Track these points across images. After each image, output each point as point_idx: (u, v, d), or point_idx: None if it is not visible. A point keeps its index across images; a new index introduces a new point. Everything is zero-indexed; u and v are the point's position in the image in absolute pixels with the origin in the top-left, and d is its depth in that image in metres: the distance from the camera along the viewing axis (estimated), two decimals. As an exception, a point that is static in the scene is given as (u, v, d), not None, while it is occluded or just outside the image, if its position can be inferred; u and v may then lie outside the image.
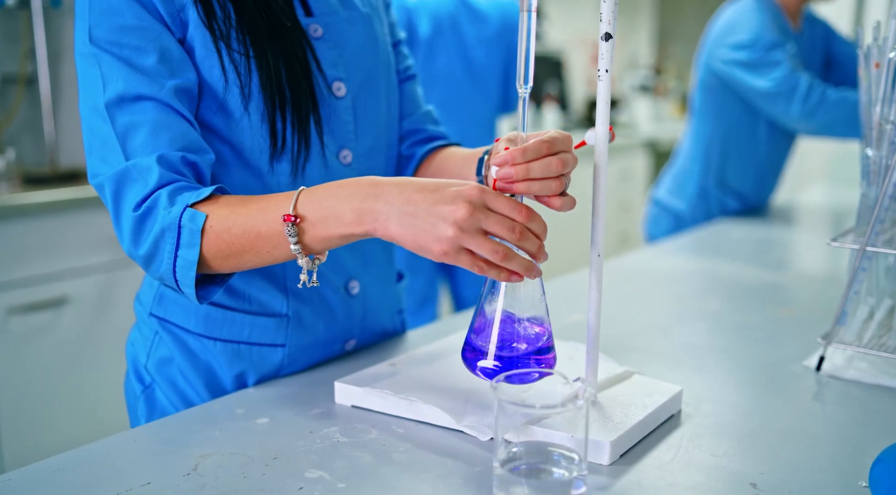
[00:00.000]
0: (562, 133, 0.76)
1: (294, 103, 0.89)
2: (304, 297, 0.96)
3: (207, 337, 0.94)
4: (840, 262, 1.70)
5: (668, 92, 6.35)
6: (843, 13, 4.27)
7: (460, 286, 2.66)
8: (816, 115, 1.97)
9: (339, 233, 0.74)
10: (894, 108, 0.96)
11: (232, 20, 0.86)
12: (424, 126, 1.08)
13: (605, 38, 0.77)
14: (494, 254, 0.70)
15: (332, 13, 0.95)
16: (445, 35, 2.46)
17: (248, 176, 0.90)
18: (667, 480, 0.73)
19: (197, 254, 0.78)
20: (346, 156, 0.96)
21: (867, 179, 1.03)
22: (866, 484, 0.72)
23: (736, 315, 1.27)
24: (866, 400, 0.93)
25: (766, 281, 1.53)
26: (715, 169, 2.23)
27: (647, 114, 5.78)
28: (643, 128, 5.40)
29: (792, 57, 2.01)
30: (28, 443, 2.02)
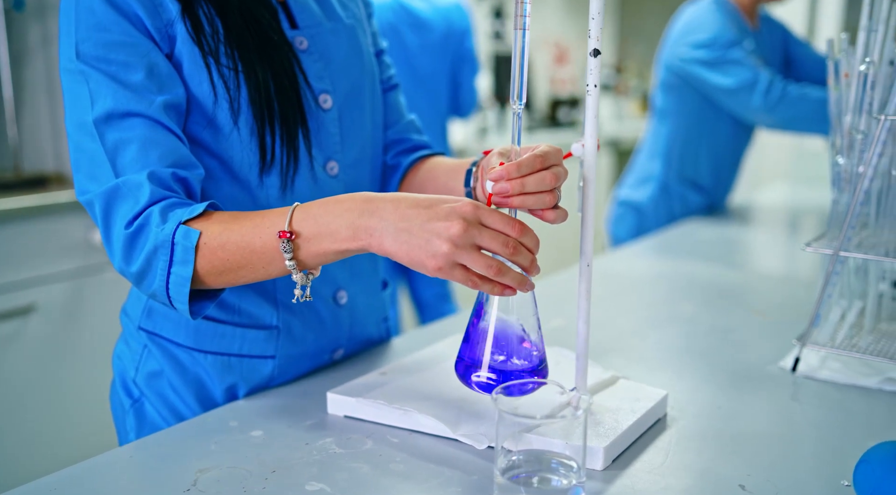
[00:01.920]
0: (553, 147, 0.78)
1: (283, 117, 0.89)
2: (293, 309, 0.96)
3: (198, 350, 0.94)
4: (805, 263, 1.75)
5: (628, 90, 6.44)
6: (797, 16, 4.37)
7: (419, 287, 2.68)
8: (778, 109, 2.03)
9: (334, 248, 0.75)
10: (864, 118, 0.99)
11: (220, 35, 0.86)
12: (409, 135, 1.09)
13: (594, 54, 0.79)
14: (489, 269, 0.72)
15: (317, 25, 0.96)
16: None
17: (238, 190, 0.90)
18: (659, 484, 0.75)
19: (191, 271, 0.78)
20: (332, 168, 0.96)
21: (838, 186, 1.06)
22: (848, 483, 0.75)
23: (710, 317, 1.31)
24: (841, 400, 0.97)
25: (736, 282, 1.57)
26: (676, 165, 2.28)
27: (609, 112, 5.86)
28: (605, 127, 5.47)
29: (751, 53, 2.06)
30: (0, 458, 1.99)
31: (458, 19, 2.64)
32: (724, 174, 2.33)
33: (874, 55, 0.98)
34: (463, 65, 2.65)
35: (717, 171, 2.31)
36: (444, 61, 2.59)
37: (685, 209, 2.30)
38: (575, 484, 0.70)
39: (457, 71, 2.64)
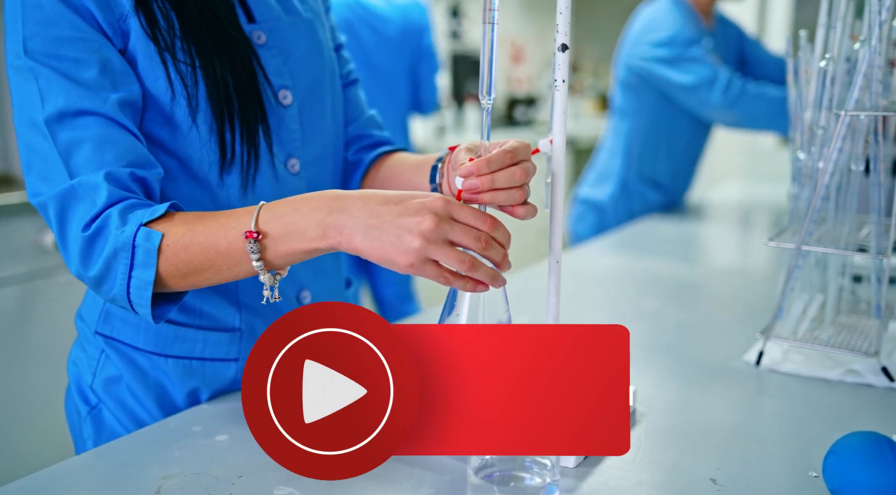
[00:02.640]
0: (522, 142, 0.77)
1: (242, 113, 0.87)
2: (257, 310, 0.94)
3: (158, 354, 0.91)
4: (762, 258, 1.78)
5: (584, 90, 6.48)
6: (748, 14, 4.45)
7: (380, 287, 2.66)
8: (736, 106, 2.06)
9: (302, 247, 0.73)
10: (824, 114, 1.01)
11: (176, 30, 0.84)
12: (370, 131, 1.08)
13: (562, 49, 0.78)
14: (461, 265, 0.71)
15: (275, 19, 0.94)
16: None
17: (197, 189, 0.88)
18: (631, 480, 0.75)
19: (153, 274, 0.76)
20: (293, 165, 0.94)
21: (799, 182, 1.07)
22: (816, 474, 0.76)
23: (674, 313, 1.32)
24: (804, 392, 0.98)
25: (697, 278, 1.58)
26: (636, 163, 2.30)
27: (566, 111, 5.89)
28: (561, 125, 5.49)
29: (710, 52, 2.09)
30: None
31: (417, 16, 2.62)
32: (682, 172, 2.36)
33: (833, 52, 0.99)
34: (422, 61, 2.64)
35: (675, 170, 2.33)
36: (402, 58, 2.57)
37: (645, 207, 2.33)
38: (549, 481, 0.69)
39: (416, 68, 2.63)
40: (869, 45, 0.92)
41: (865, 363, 1.01)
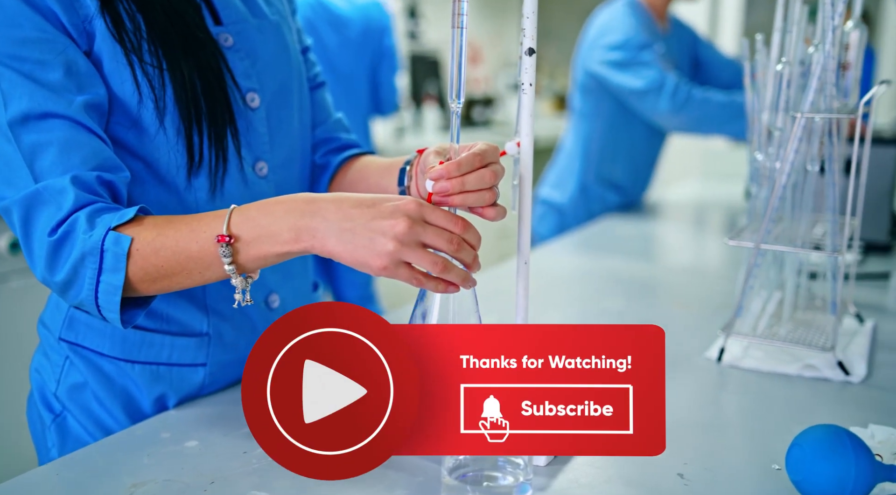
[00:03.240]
0: (490, 145, 0.78)
1: (210, 116, 0.87)
2: (224, 315, 0.94)
3: (124, 360, 0.90)
4: (717, 256, 1.82)
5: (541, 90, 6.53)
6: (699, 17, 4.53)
7: (342, 289, 2.66)
8: (683, 112, 2.09)
9: (275, 251, 0.73)
10: (781, 116, 1.03)
11: (142, 31, 0.83)
12: (337, 134, 1.08)
13: (529, 52, 0.79)
14: (434, 267, 0.71)
15: (242, 21, 0.94)
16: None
17: (164, 193, 0.87)
18: (602, 477, 0.77)
19: (122, 278, 0.75)
20: (261, 168, 0.94)
21: (757, 182, 1.10)
22: (779, 467, 0.78)
23: (638, 311, 1.34)
24: (764, 387, 1.00)
25: (657, 277, 1.61)
26: (595, 165, 2.33)
27: (522, 112, 5.92)
28: (519, 126, 5.53)
29: (661, 57, 2.13)
30: None
31: (377, 16, 2.62)
32: (640, 174, 2.39)
33: (790, 55, 1.02)
34: (382, 62, 2.63)
35: (634, 171, 2.37)
36: (363, 59, 2.56)
37: (604, 208, 2.36)
38: (522, 480, 0.70)
39: (376, 69, 2.63)
40: (823, 50, 0.95)
41: (822, 358, 1.04)
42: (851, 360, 1.05)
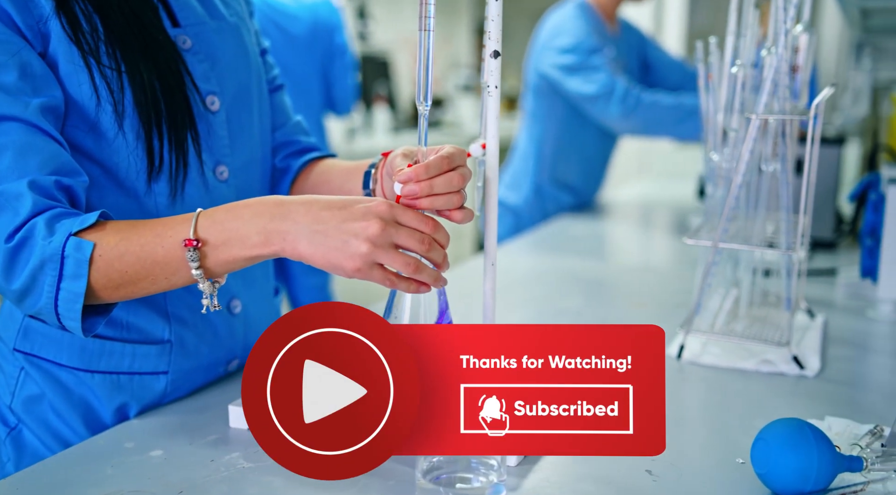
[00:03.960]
0: (458, 148, 0.78)
1: (170, 120, 0.85)
2: (186, 321, 0.92)
3: (83, 370, 0.88)
4: (670, 255, 1.85)
5: (489, 91, 6.55)
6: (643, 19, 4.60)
7: (297, 292, 2.63)
8: (633, 116, 2.13)
9: (244, 255, 0.72)
10: (736, 117, 1.06)
11: (100, 33, 0.81)
12: (297, 137, 1.07)
13: (494, 55, 0.80)
14: (407, 267, 0.71)
15: (200, 23, 0.92)
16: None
17: (123, 198, 0.85)
18: (572, 474, 0.77)
19: (84, 285, 0.73)
20: (222, 172, 0.93)
21: (713, 182, 1.13)
22: (743, 461, 0.80)
23: (596, 311, 1.35)
24: (724, 383, 1.03)
25: (612, 275, 1.63)
26: (549, 167, 2.35)
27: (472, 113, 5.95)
28: (468, 127, 5.55)
29: (611, 61, 2.16)
30: None
31: (327, 14, 2.58)
32: (593, 175, 2.42)
33: (743, 57, 1.04)
34: (334, 61, 2.60)
35: (587, 172, 2.40)
36: (313, 58, 2.53)
37: (558, 208, 2.38)
38: (496, 481, 0.70)
39: (328, 68, 2.59)
40: (776, 52, 0.97)
41: (778, 353, 1.06)
42: (805, 355, 1.08)
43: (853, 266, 1.53)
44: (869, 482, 0.72)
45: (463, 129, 5.39)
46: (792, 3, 0.97)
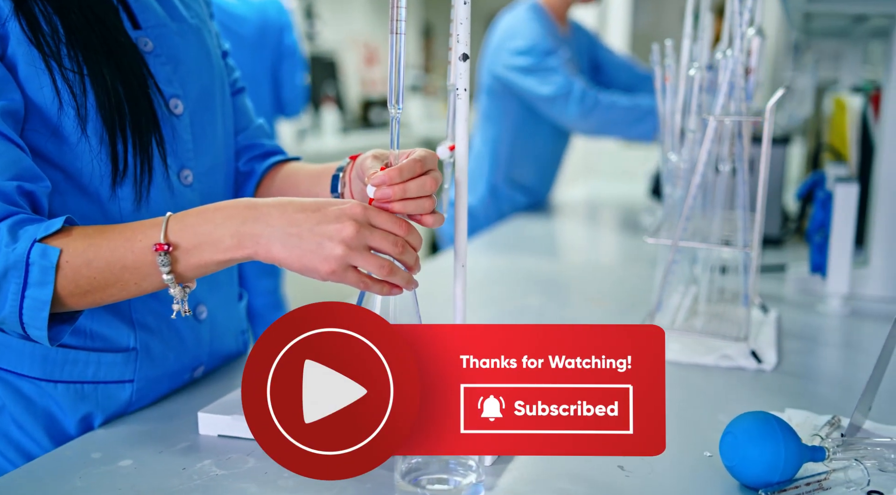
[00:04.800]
0: (429, 151, 0.78)
1: (134, 123, 0.84)
2: (151, 328, 0.90)
3: (46, 380, 0.86)
4: (625, 252, 1.88)
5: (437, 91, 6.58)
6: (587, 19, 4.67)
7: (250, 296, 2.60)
8: (591, 116, 2.16)
9: (216, 258, 0.72)
10: (692, 118, 1.08)
11: (61, 35, 0.79)
12: (260, 140, 1.06)
13: (463, 58, 0.80)
14: (381, 270, 0.71)
15: (162, 25, 0.91)
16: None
17: (86, 204, 0.84)
18: (548, 472, 0.78)
19: (50, 293, 0.71)
20: (186, 177, 0.91)
21: (671, 182, 1.15)
22: (710, 454, 0.82)
23: (557, 309, 1.37)
24: (686, 378, 1.05)
25: (569, 274, 1.66)
26: (504, 167, 2.37)
27: (419, 113, 5.95)
28: (417, 127, 5.56)
29: (567, 62, 2.18)
30: None
31: (275, 14, 2.55)
32: (547, 175, 2.45)
33: (701, 60, 1.07)
34: (283, 61, 2.56)
35: (541, 173, 2.42)
36: (261, 58, 2.49)
37: (513, 208, 2.40)
38: (475, 481, 0.71)
39: (277, 68, 2.56)
40: (732, 55, 1.00)
41: (736, 348, 1.09)
42: (762, 349, 1.11)
43: (801, 262, 1.57)
44: (832, 471, 0.75)
45: (412, 130, 5.39)
46: (746, 7, 0.99)
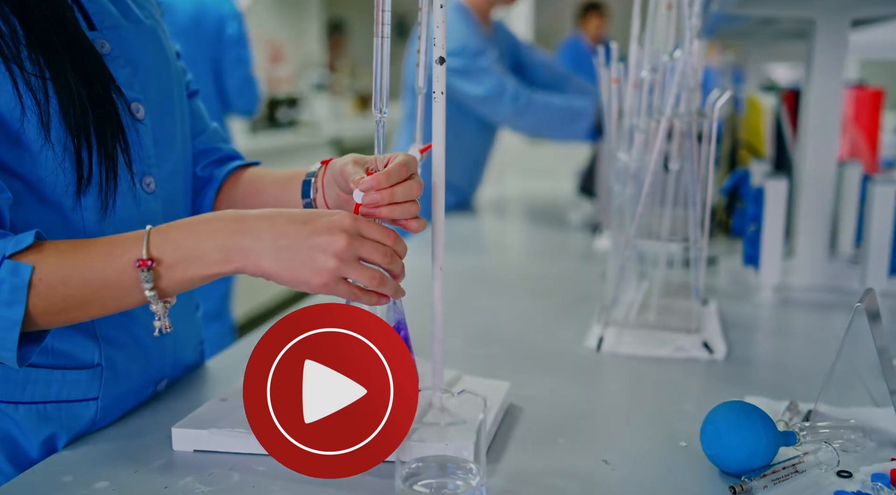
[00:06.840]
0: (410, 156, 0.78)
1: (99, 130, 0.80)
2: (116, 343, 0.87)
3: (7, 402, 0.81)
4: (559, 249, 1.92)
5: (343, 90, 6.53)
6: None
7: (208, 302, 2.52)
8: (525, 115, 2.19)
9: (202, 273, 0.69)
10: (643, 118, 1.12)
11: (20, 37, 0.75)
12: (217, 144, 1.03)
13: (440, 61, 0.80)
14: (372, 281, 0.71)
15: (117, 27, 0.87)
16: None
17: (47, 214, 0.79)
18: (539, 469, 0.80)
19: (21, 312, 0.67)
20: (149, 184, 0.88)
21: (621, 181, 1.18)
22: (686, 444, 0.85)
23: (506, 307, 1.39)
24: (644, 371, 1.08)
25: (511, 272, 1.68)
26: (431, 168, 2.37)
27: (327, 112, 5.90)
28: (326, 126, 5.50)
29: (496, 62, 2.20)
30: None
31: (213, 3, 2.41)
32: (474, 174, 2.47)
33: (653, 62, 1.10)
34: (225, 54, 2.41)
35: (468, 172, 2.44)
36: (199, 49, 2.33)
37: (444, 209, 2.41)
38: (475, 485, 0.71)
39: (218, 61, 2.42)
40: (683, 57, 1.04)
41: (688, 339, 1.13)
42: (712, 340, 1.15)
43: (731, 255, 1.64)
44: (806, 453, 0.79)
45: (321, 129, 5.33)
46: (695, 12, 1.03)
